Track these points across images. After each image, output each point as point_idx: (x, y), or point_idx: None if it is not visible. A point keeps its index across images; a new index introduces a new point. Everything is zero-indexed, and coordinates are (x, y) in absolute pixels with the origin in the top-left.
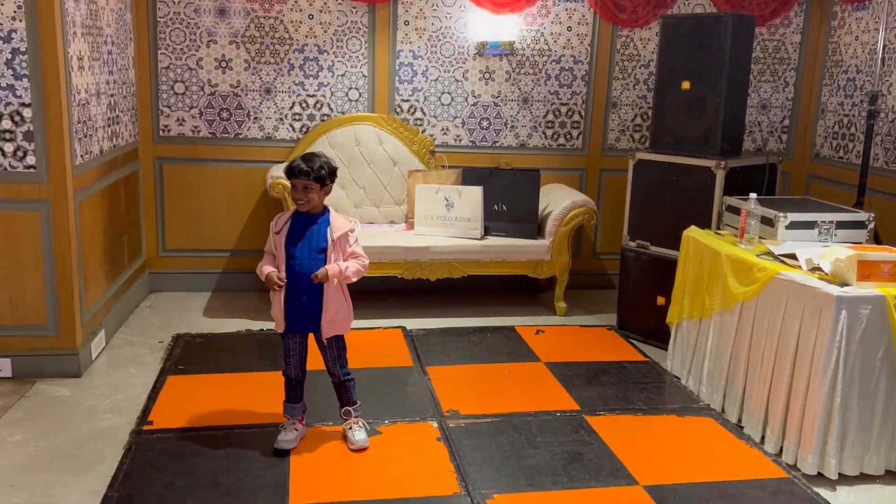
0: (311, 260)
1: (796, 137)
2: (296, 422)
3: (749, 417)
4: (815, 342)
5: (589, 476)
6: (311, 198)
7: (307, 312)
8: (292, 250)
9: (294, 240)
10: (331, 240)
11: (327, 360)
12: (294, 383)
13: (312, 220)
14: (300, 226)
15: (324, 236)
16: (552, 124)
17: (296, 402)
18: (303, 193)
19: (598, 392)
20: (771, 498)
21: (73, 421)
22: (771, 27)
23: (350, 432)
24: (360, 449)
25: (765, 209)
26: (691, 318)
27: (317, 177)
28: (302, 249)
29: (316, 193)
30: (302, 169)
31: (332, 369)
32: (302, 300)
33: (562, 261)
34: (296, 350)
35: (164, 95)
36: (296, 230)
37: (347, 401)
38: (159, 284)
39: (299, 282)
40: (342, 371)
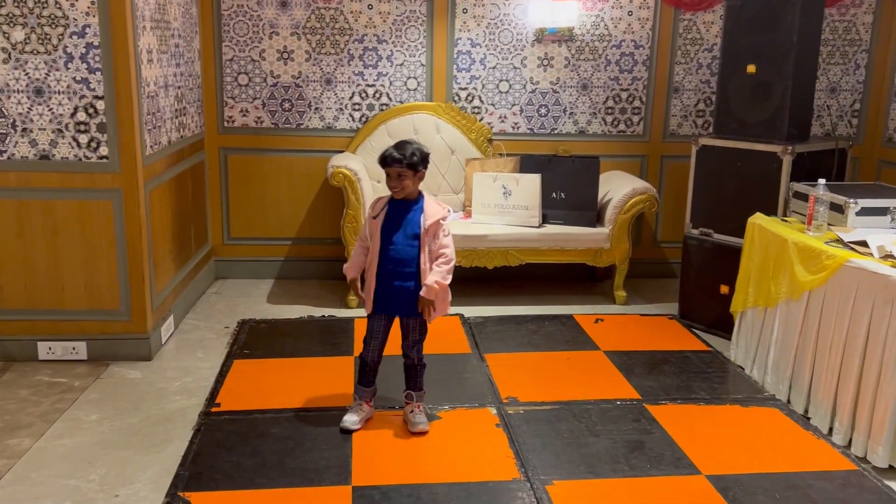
0: (407, 246)
1: (867, 122)
2: (363, 403)
3: (816, 408)
4: (887, 332)
5: (650, 465)
6: (406, 185)
7: (401, 297)
8: (389, 236)
9: (391, 225)
10: (423, 228)
11: (407, 341)
12: (370, 367)
13: (407, 206)
14: (396, 212)
15: (417, 223)
16: (612, 110)
17: (368, 386)
18: (397, 181)
19: (659, 381)
20: (839, 490)
21: (145, 402)
22: (841, 7)
23: (411, 415)
24: (422, 432)
25: (834, 195)
26: (756, 307)
27: (409, 163)
28: (398, 236)
29: (410, 180)
30: (395, 157)
31: (409, 352)
32: (397, 284)
33: (622, 249)
34: (379, 333)
35: (228, 87)
36: (392, 216)
37: (415, 385)
38: (225, 272)
39: (396, 266)
40: (420, 354)
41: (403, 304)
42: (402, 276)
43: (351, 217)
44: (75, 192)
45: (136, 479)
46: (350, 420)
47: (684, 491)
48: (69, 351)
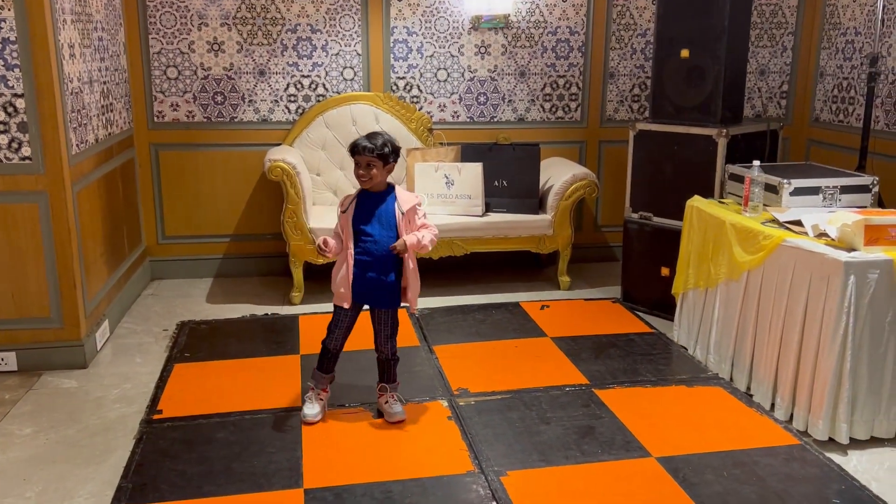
0: (384, 237)
1: (795, 102)
2: (320, 391)
3: (758, 385)
4: (823, 308)
5: (601, 450)
6: (374, 175)
7: (377, 289)
8: (365, 228)
9: (364, 218)
10: (400, 214)
11: (382, 335)
12: (332, 355)
13: (379, 197)
14: (368, 204)
15: (392, 212)
16: (550, 97)
17: (327, 373)
18: (366, 170)
19: (606, 365)
20: (783, 465)
21: (82, 412)
22: None
23: (387, 406)
24: (400, 420)
25: (768, 176)
26: (697, 288)
27: (380, 154)
28: (374, 227)
29: (378, 171)
30: (366, 146)
31: (382, 346)
32: (375, 276)
33: (564, 235)
34: (345, 323)
35: (157, 81)
36: (364, 208)
37: (389, 378)
38: (160, 272)
39: (374, 258)
40: (394, 348)
41: (380, 297)
42: (380, 268)
43: (291, 212)
44: None
45: (76, 494)
46: (311, 413)
47: (636, 474)
48: None
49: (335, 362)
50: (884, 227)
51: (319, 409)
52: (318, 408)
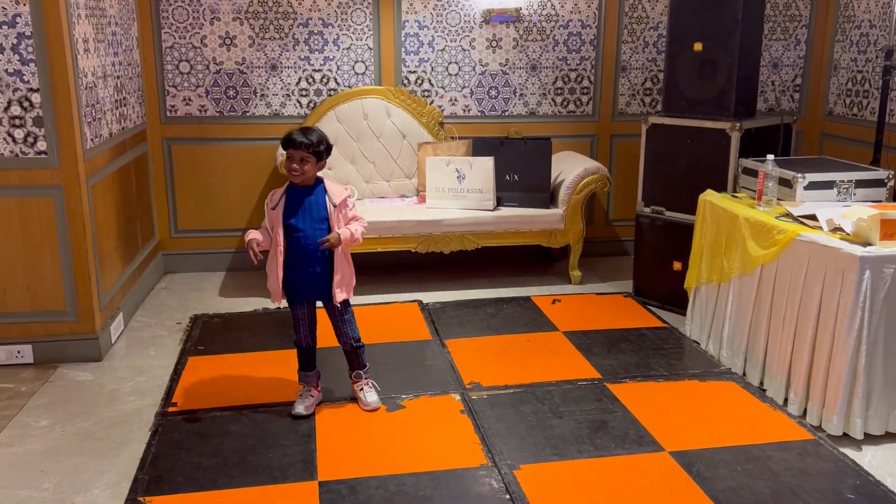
0: (315, 230)
1: (808, 96)
2: (311, 389)
3: (771, 380)
4: (838, 303)
5: (614, 444)
6: (307, 170)
7: (315, 281)
8: (294, 223)
9: (294, 213)
10: (332, 206)
11: (338, 326)
12: (306, 352)
13: (308, 191)
14: (297, 198)
15: (323, 205)
16: (561, 91)
17: (309, 370)
18: (299, 164)
19: (618, 359)
20: (797, 460)
21: (97, 405)
22: None
23: (361, 394)
24: (373, 409)
25: (782, 170)
26: (710, 283)
27: (315, 150)
28: (304, 221)
29: (311, 166)
30: (301, 141)
31: (343, 336)
32: (309, 270)
33: (576, 229)
34: (305, 319)
35: (170, 75)
36: (293, 203)
37: (358, 364)
38: (173, 266)
39: (305, 253)
40: (354, 335)
41: (315, 290)
42: (314, 262)
43: None
44: (13, 189)
45: (93, 486)
46: (301, 406)
47: (649, 468)
48: (14, 355)
49: (314, 357)
50: None
51: (311, 404)
52: (308, 402)
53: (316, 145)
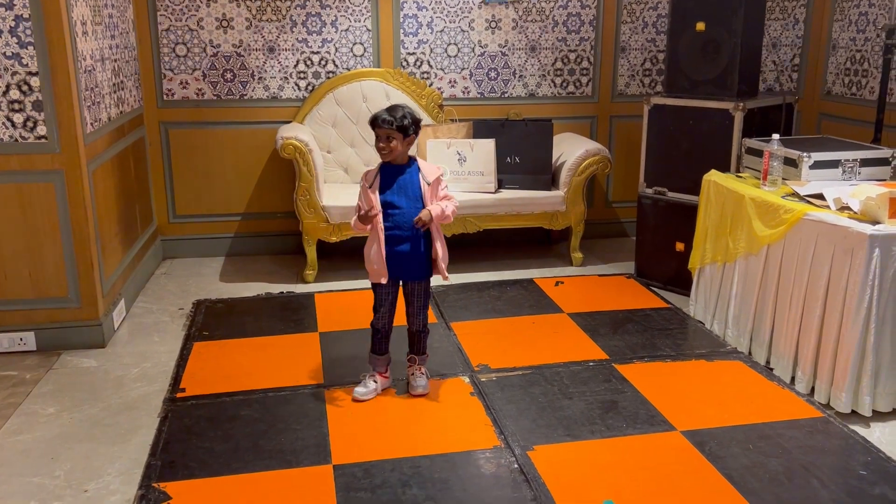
0: (411, 208)
1: (807, 75)
2: (377, 374)
3: (778, 359)
4: (847, 281)
5: (626, 424)
6: (394, 147)
7: (409, 260)
8: (391, 200)
9: (389, 190)
10: (426, 185)
11: (412, 307)
12: (382, 335)
13: (401, 170)
14: (391, 177)
15: (417, 184)
16: (561, 72)
17: (381, 354)
18: (385, 143)
19: (624, 340)
20: (808, 437)
21: (103, 391)
22: None
23: (413, 378)
24: (422, 394)
25: (788, 150)
26: (714, 263)
27: (399, 126)
28: (400, 199)
29: (399, 143)
30: (385, 119)
31: (415, 317)
32: (404, 248)
33: (577, 211)
34: (388, 299)
35: (166, 59)
36: (388, 182)
37: (419, 349)
38: (172, 251)
39: (402, 231)
40: (425, 320)
41: (411, 269)
42: (411, 241)
43: (304, 190)
44: (13, 174)
45: (105, 473)
46: (360, 391)
47: (662, 447)
48: (16, 342)
49: (388, 342)
50: None
51: (372, 389)
52: (372, 388)
53: (399, 121)
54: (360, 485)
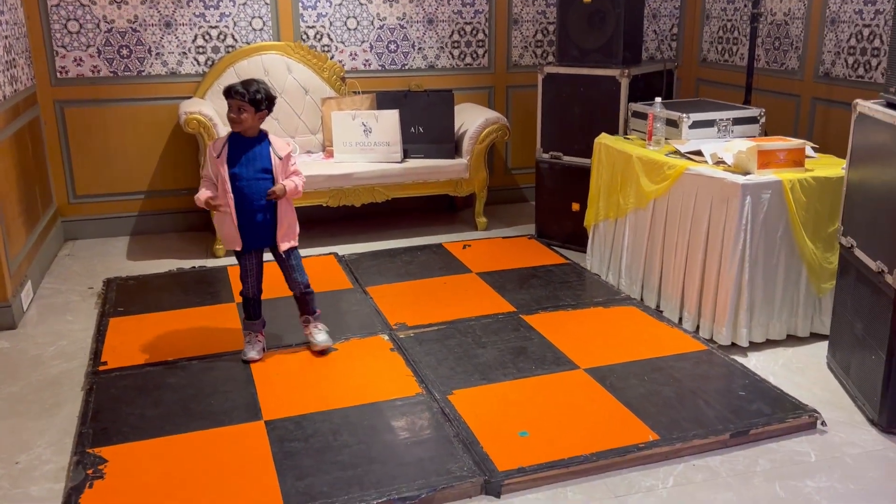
0: (258, 180)
1: (684, 44)
2: (257, 335)
3: (666, 302)
4: (724, 227)
5: (535, 366)
6: (244, 119)
7: (261, 229)
8: (238, 171)
9: (237, 162)
10: (277, 159)
11: (288, 273)
12: (253, 301)
13: (251, 142)
14: (240, 148)
15: (267, 157)
16: (458, 44)
17: (256, 319)
18: (237, 114)
19: (529, 294)
20: (695, 367)
21: (21, 370)
22: None
23: (312, 336)
24: (325, 349)
25: (669, 112)
26: (607, 220)
27: (251, 99)
28: (248, 170)
29: (250, 115)
30: (238, 90)
31: (293, 282)
32: (256, 219)
33: (480, 178)
34: (253, 268)
35: (58, 35)
36: (236, 153)
37: (308, 311)
38: (74, 232)
39: (250, 202)
40: (303, 281)
41: (264, 237)
42: (258, 210)
43: None
44: None
45: (34, 445)
46: (252, 352)
47: (568, 384)
48: None
49: (259, 307)
50: (774, 152)
51: (260, 349)
52: (258, 348)
53: (252, 94)
54: (292, 436)
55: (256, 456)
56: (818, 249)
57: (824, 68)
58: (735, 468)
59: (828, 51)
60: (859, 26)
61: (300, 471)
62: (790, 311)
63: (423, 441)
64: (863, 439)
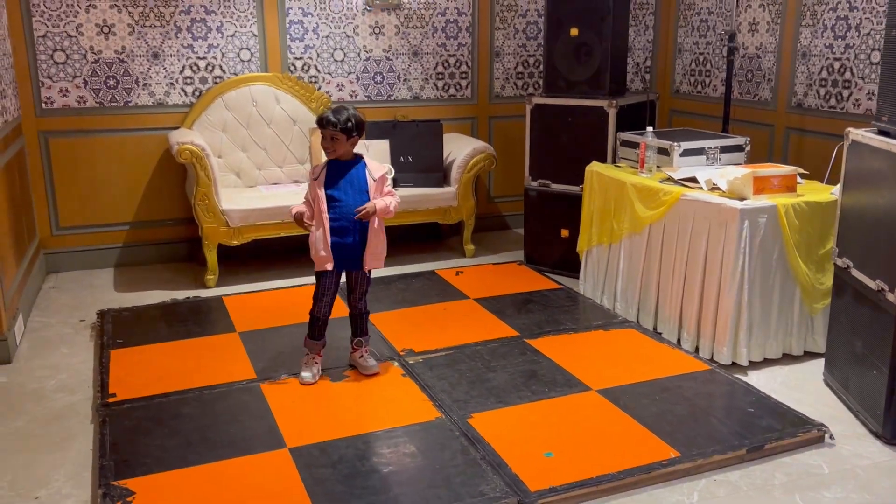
0: (355, 202)
1: (658, 76)
2: (315, 356)
3: (664, 324)
4: (723, 250)
5: (548, 388)
6: (338, 147)
7: (352, 251)
8: (335, 193)
9: (334, 184)
10: (372, 180)
11: (355, 294)
12: (321, 322)
13: (348, 165)
14: (338, 171)
15: (364, 179)
16: (442, 76)
17: (319, 339)
18: (330, 143)
19: (529, 318)
20: (702, 386)
21: (24, 404)
22: None
23: (362, 360)
24: (374, 373)
25: (660, 141)
26: (601, 245)
27: (343, 128)
28: (346, 192)
29: (342, 143)
30: (330, 120)
31: (357, 302)
32: (348, 240)
33: (468, 206)
34: (332, 289)
35: (44, 66)
36: (334, 175)
37: (362, 331)
38: (56, 265)
39: (343, 223)
40: (366, 304)
41: (354, 259)
42: (351, 231)
43: (202, 194)
44: None
45: (51, 479)
46: (308, 375)
47: (583, 405)
48: None
49: (325, 329)
50: (768, 178)
51: (316, 371)
52: (314, 370)
53: (343, 123)
54: (319, 463)
55: (287, 484)
56: (811, 271)
57: (797, 99)
58: (754, 482)
59: (800, 83)
60: (830, 59)
61: (334, 497)
62: (785, 330)
63: (450, 464)
64: (870, 451)
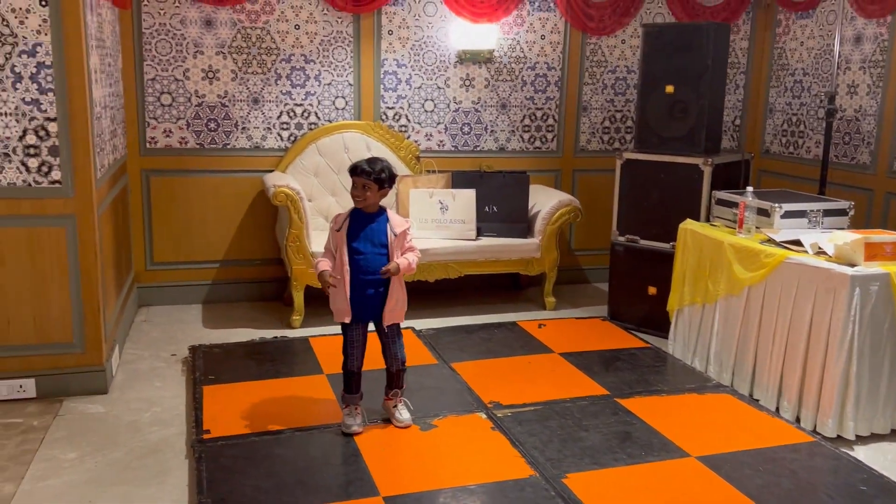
0: (375, 254)
1: (747, 135)
2: (356, 407)
3: (762, 391)
4: (830, 318)
5: (644, 452)
6: (368, 196)
7: (372, 303)
8: (356, 246)
9: (356, 237)
10: (393, 236)
11: (388, 347)
12: (355, 375)
13: (371, 218)
14: (360, 223)
15: (384, 233)
16: (528, 128)
17: (355, 393)
18: (361, 191)
19: (618, 377)
20: (807, 459)
21: (120, 435)
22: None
23: (396, 411)
24: (407, 426)
25: (760, 201)
26: (693, 304)
27: (376, 178)
28: (366, 245)
29: (373, 193)
30: (364, 169)
31: (394, 357)
32: (368, 292)
33: (551, 258)
34: (359, 340)
35: (151, 107)
36: (356, 227)
37: (398, 384)
38: (148, 299)
39: (364, 275)
40: (402, 357)
41: (376, 311)
42: (373, 284)
43: (294, 237)
44: (24, 219)
45: None
46: (354, 424)
47: (683, 472)
48: (15, 390)
49: (360, 381)
50: (881, 245)
51: (361, 421)
52: (359, 420)
53: (377, 174)
54: None
55: None
56: None
57: None
58: None
59: None
60: None
61: None
62: (895, 405)
63: None
64: None
